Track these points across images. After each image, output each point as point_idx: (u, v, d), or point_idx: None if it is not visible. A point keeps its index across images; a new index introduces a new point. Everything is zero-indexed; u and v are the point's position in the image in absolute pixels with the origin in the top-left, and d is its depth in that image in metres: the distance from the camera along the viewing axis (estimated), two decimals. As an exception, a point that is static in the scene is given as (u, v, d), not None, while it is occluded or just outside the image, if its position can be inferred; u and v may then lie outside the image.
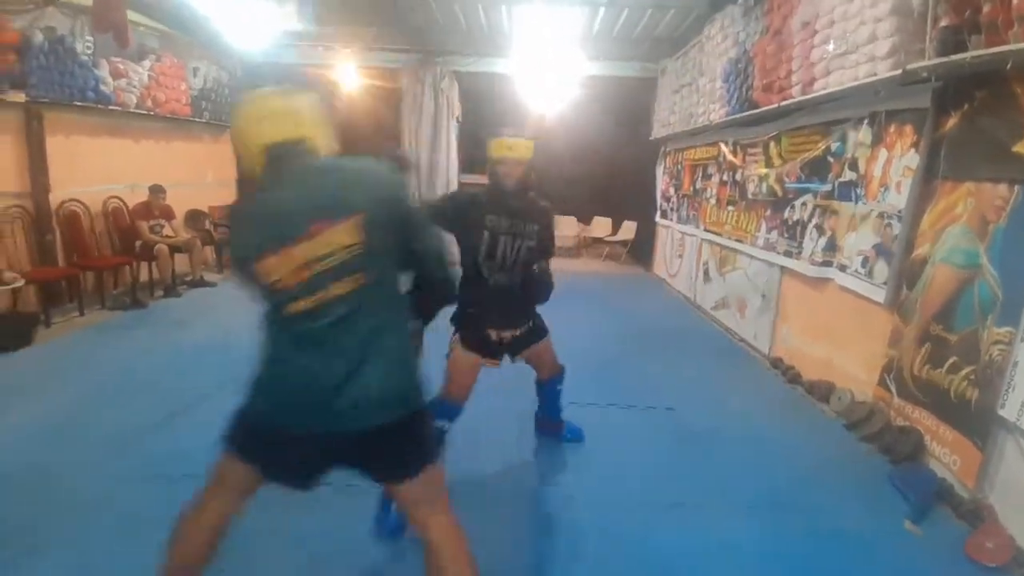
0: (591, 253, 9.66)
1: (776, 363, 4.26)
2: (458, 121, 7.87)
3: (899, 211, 3.04)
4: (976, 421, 2.47)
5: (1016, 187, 2.32)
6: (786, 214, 4.23)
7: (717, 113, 5.16)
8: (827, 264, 3.69)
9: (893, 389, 3.06)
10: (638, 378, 3.92)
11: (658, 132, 7.38)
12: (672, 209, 7.20)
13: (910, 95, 2.95)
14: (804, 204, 4.01)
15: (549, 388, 2.80)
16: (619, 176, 9.59)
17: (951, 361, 2.65)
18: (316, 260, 1.20)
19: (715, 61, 5.23)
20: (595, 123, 9.13)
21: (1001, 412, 2.34)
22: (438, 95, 7.64)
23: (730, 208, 5.28)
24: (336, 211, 1.22)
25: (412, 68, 7.57)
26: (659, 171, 7.83)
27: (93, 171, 5.49)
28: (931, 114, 2.83)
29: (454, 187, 8.01)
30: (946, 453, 2.66)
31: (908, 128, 3.02)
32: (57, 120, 4.95)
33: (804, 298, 4.01)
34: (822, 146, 3.77)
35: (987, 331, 2.44)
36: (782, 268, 4.28)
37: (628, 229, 9.09)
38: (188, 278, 6.07)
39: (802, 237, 3.99)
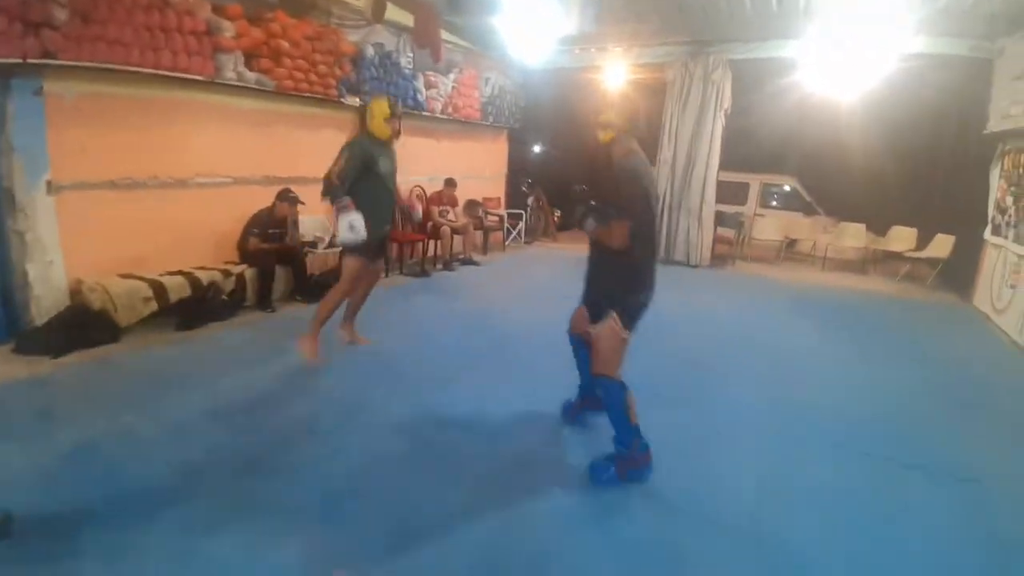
0: (883, 271, 8.14)
1: None
2: (726, 114, 7.48)
3: None
4: None
5: None
6: None
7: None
8: None
9: None
10: (935, 446, 3.15)
11: (996, 125, 5.81)
12: (1008, 224, 5.61)
13: None
14: None
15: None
16: (934, 178, 7.84)
17: None
18: None
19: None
20: (905, 112, 7.64)
21: None
22: (707, 87, 7.40)
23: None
24: None
25: (681, 60, 7.50)
26: (994, 174, 6.16)
27: (408, 163, 6.96)
28: None
29: (711, 184, 7.70)
30: None
31: None
32: (384, 123, 6.48)
33: None
34: None
35: None
36: None
37: (941, 245, 7.36)
38: (460, 256, 7.29)
39: None
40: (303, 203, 5.05)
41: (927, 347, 4.96)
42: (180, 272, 4.47)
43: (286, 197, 4.93)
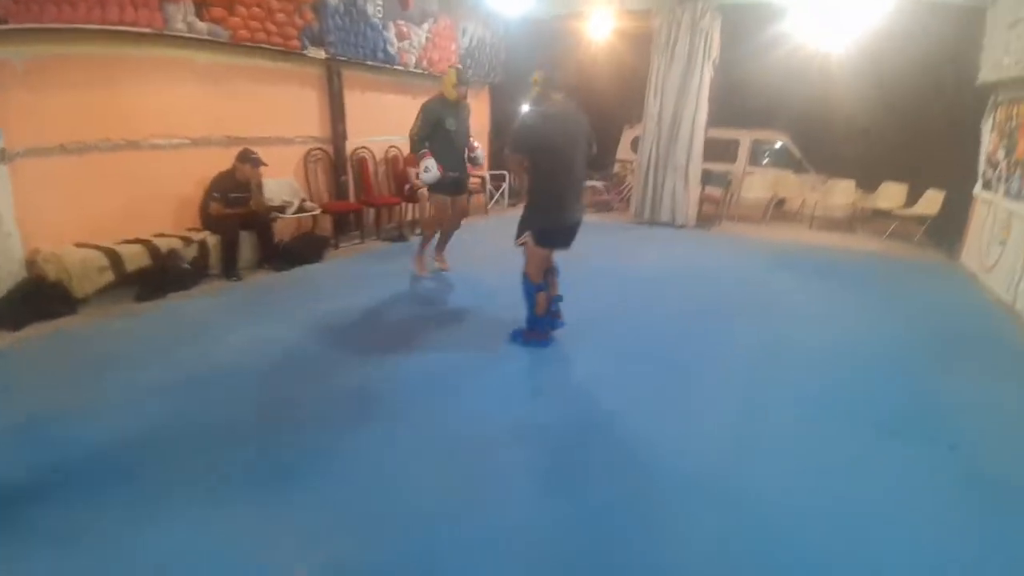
0: (870, 229, 8.04)
1: None
2: (714, 65, 7.20)
3: None
4: None
5: None
6: None
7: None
8: None
9: None
10: (913, 398, 3.17)
11: (987, 76, 5.63)
12: (1000, 179, 5.51)
13: None
14: None
15: None
16: (925, 132, 7.64)
17: None
18: None
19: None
20: (896, 63, 7.39)
21: None
22: (695, 35, 7.09)
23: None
24: None
25: (669, 6, 7.16)
26: (985, 127, 6.01)
27: (378, 123, 6.73)
28: None
29: (699, 140, 7.48)
30: None
31: None
32: (353, 77, 6.19)
33: None
34: None
35: None
36: None
37: (931, 201, 7.25)
38: (440, 219, 7.10)
39: None
40: (265, 164, 4.82)
41: (911, 303, 4.93)
42: (138, 240, 4.30)
43: (247, 158, 4.70)
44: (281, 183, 5.50)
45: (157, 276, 4.24)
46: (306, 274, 5.03)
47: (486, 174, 8.51)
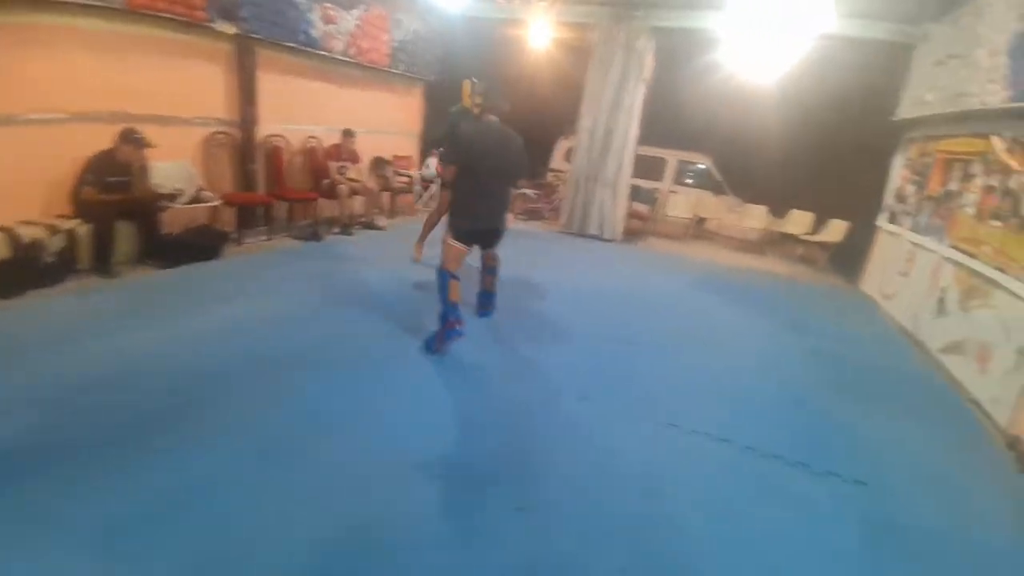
0: (779, 252, 8.37)
1: (1014, 443, 3.15)
2: (647, 85, 7.18)
3: None
4: None
5: None
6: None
7: (996, 96, 3.86)
8: None
9: None
10: (819, 424, 3.17)
11: (907, 112, 5.89)
12: (907, 213, 5.78)
13: None
14: None
15: None
16: (836, 163, 8.04)
17: None
18: None
19: (996, 34, 3.89)
20: (816, 96, 7.71)
21: None
22: (629, 54, 7.03)
23: (995, 224, 3.99)
24: None
25: (605, 23, 7.05)
26: (897, 162, 6.33)
27: (298, 110, 6.12)
28: None
29: (629, 156, 7.43)
30: None
31: None
32: (269, 58, 5.55)
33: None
34: None
35: None
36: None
37: (835, 230, 7.64)
38: (362, 219, 6.56)
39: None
40: (152, 146, 4.14)
41: (816, 326, 5.02)
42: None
43: (130, 138, 4.01)
44: (175, 167, 4.79)
45: (16, 270, 3.51)
46: (197, 273, 4.37)
47: (416, 173, 8.04)
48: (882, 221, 6.39)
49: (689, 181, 10.23)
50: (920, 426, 3.33)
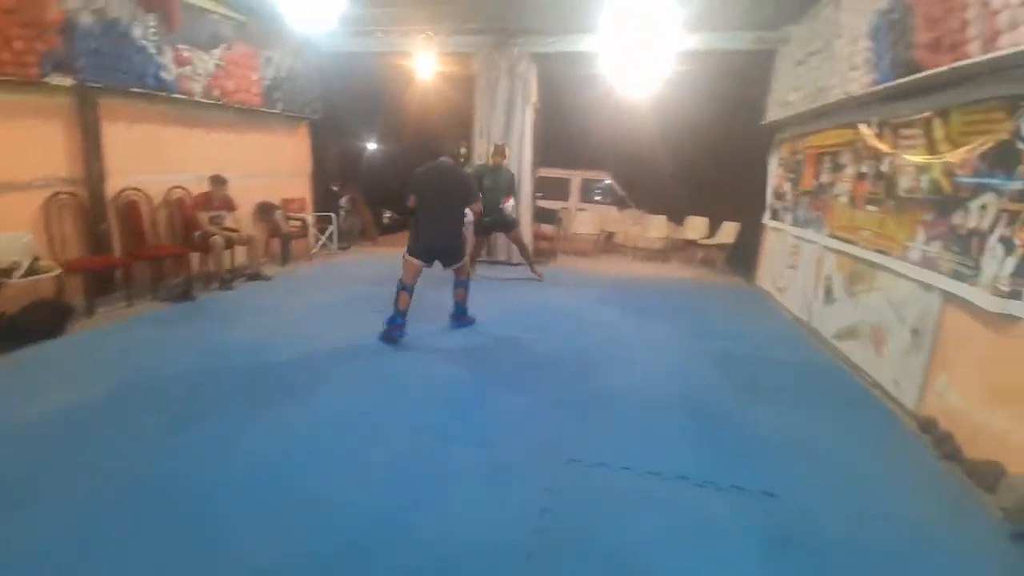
0: (682, 258, 8.48)
1: (927, 426, 3.06)
2: (535, 109, 7.07)
3: None
4: None
5: None
6: (956, 220, 3.00)
7: (859, 83, 3.93)
8: (1016, 296, 2.49)
9: None
10: (726, 434, 2.96)
11: (774, 114, 6.08)
12: (786, 209, 5.90)
13: None
14: (984, 207, 2.79)
15: None
16: (720, 170, 8.30)
17: None
18: None
19: (857, 18, 3.99)
20: (697, 107, 7.93)
21: None
22: (514, 80, 6.90)
23: (871, 208, 4.03)
24: None
25: (487, 51, 6.90)
26: (772, 162, 6.51)
27: (157, 160, 5.43)
28: None
29: (526, 180, 7.26)
30: None
31: None
32: (115, 107, 4.87)
33: (978, 340, 2.79)
34: (1008, 127, 2.55)
35: None
36: (945, 294, 3.05)
37: (728, 231, 7.80)
38: (246, 271, 5.90)
39: (980, 254, 2.77)
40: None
41: (718, 325, 4.95)
42: None
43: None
44: (7, 239, 4.03)
45: None
46: (38, 355, 3.62)
47: (308, 216, 7.45)
48: (767, 219, 6.52)
49: (598, 198, 10.34)
50: (827, 419, 3.19)
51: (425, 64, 7.10)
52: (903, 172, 3.60)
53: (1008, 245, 2.57)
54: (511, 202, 6.23)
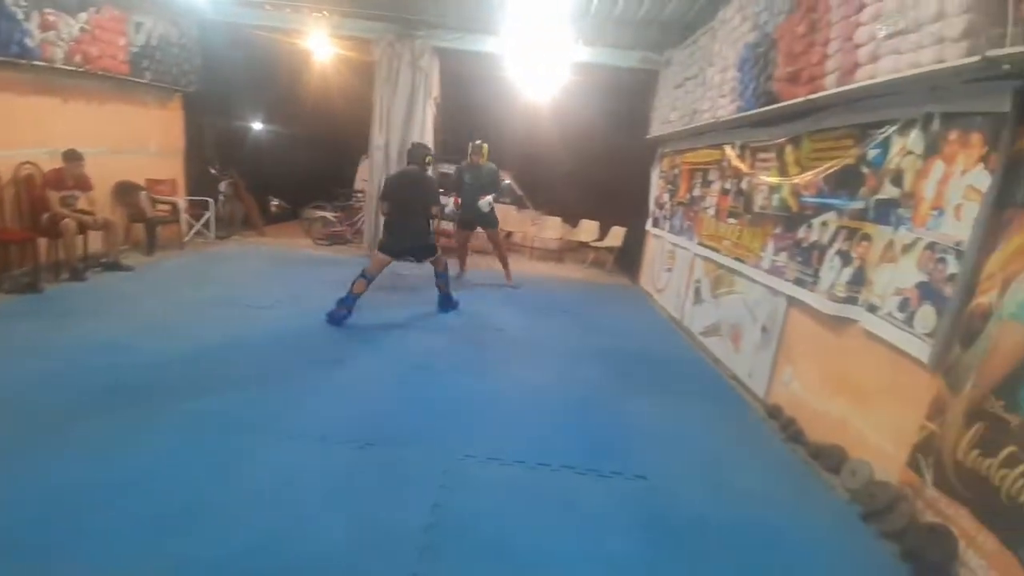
0: (575, 258, 8.86)
1: (774, 412, 3.50)
2: (436, 103, 6.99)
3: (957, 243, 2.27)
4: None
5: None
6: (800, 234, 3.45)
7: (726, 109, 4.36)
8: (851, 301, 2.92)
9: (927, 475, 2.31)
10: (608, 424, 3.16)
11: (656, 130, 6.56)
12: (665, 217, 6.41)
13: (980, 95, 2.19)
14: (825, 224, 3.24)
15: None
16: (611, 176, 8.76)
17: (1008, 451, 1.91)
18: None
19: (728, 49, 4.43)
20: (590, 115, 8.32)
21: None
22: (416, 72, 6.77)
23: (731, 221, 4.50)
24: None
25: (388, 40, 6.70)
26: (654, 174, 7.02)
27: (7, 132, 4.62)
28: (1010, 121, 2.06)
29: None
30: (983, 567, 1.95)
31: (975, 137, 2.25)
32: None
33: (816, 339, 3.24)
34: (855, 153, 2.99)
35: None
36: (790, 298, 3.50)
37: (616, 235, 8.28)
38: (103, 259, 5.20)
39: (819, 264, 3.21)
40: None
41: (604, 323, 5.26)
42: None
43: None
44: None
45: None
46: None
47: (180, 200, 6.73)
48: (649, 226, 7.03)
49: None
50: (692, 408, 3.52)
51: (320, 45, 6.72)
52: (758, 190, 4.06)
53: (845, 257, 3.01)
54: (486, 199, 6.08)
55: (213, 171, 7.56)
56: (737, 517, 2.40)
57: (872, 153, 2.86)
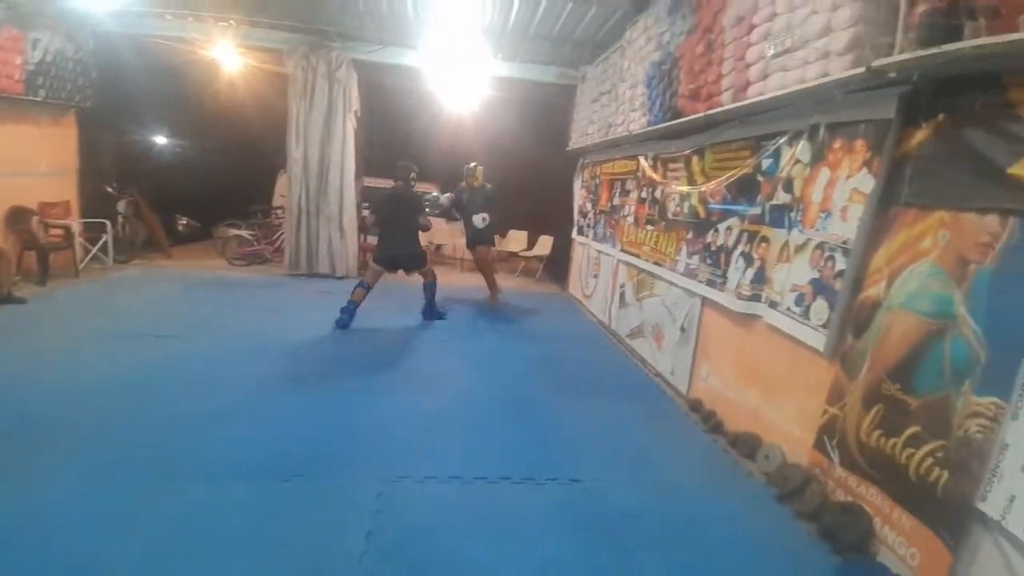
0: (506, 268, 8.92)
1: (696, 406, 3.67)
2: (357, 116, 6.82)
3: (844, 242, 2.49)
4: (945, 512, 1.91)
5: (1011, 220, 1.77)
6: (709, 238, 3.66)
7: (638, 123, 4.57)
8: (755, 299, 3.12)
9: (834, 456, 2.49)
10: (542, 431, 3.17)
11: (576, 143, 6.76)
12: (589, 226, 6.60)
13: (866, 103, 2.41)
14: (729, 228, 3.45)
15: None
16: (537, 187, 8.94)
17: (911, 431, 2.09)
18: None
19: (636, 66, 4.65)
20: (514, 128, 8.45)
21: (981, 506, 1.78)
22: (333, 85, 6.57)
23: (649, 228, 4.70)
24: None
25: (302, 51, 6.46)
26: (577, 184, 7.22)
27: None
28: (895, 126, 2.27)
29: (349, 189, 6.94)
30: (901, 543, 2.09)
31: (859, 144, 2.48)
32: None
33: (728, 335, 3.44)
34: (751, 163, 3.21)
35: (962, 399, 1.89)
36: (703, 299, 3.70)
37: (544, 244, 8.45)
38: (-7, 292, 4.61)
39: (727, 265, 3.42)
40: None
41: (536, 330, 5.32)
42: None
43: None
44: None
45: None
46: None
47: (74, 223, 6.10)
48: (575, 234, 7.21)
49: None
50: (623, 409, 3.62)
51: (227, 56, 6.36)
52: (670, 199, 4.28)
53: (748, 259, 3.22)
54: (479, 215, 6.14)
55: (110, 190, 6.92)
56: (665, 509, 2.48)
57: (766, 163, 3.09)
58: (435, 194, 6.42)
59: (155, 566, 1.85)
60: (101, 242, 6.36)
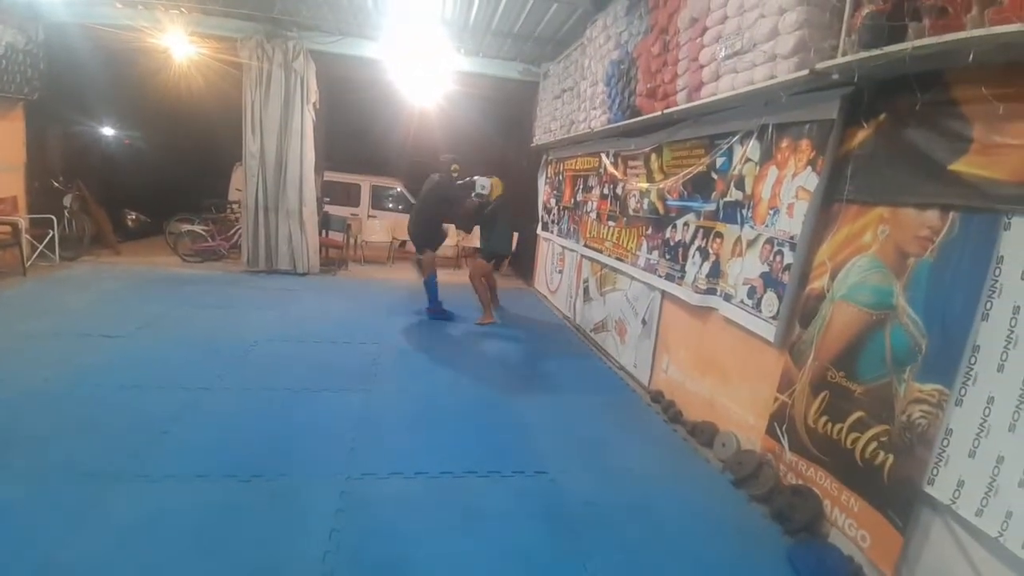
0: (472, 264, 8.87)
1: (657, 397, 3.76)
2: (315, 108, 6.64)
3: (791, 237, 2.59)
4: (893, 495, 2.02)
5: (951, 215, 1.87)
6: (667, 234, 3.74)
7: (598, 120, 4.62)
8: (711, 292, 3.22)
9: (784, 441, 2.60)
10: (508, 425, 3.20)
11: (540, 139, 6.78)
12: (553, 221, 6.64)
13: (810, 104, 2.51)
14: (687, 224, 3.54)
15: None
16: (503, 183, 8.91)
17: (856, 416, 2.20)
18: None
19: (597, 64, 4.69)
20: (479, 124, 8.42)
21: (929, 490, 1.88)
22: (290, 75, 6.38)
23: (611, 224, 4.77)
24: None
25: (257, 40, 6.24)
26: (541, 180, 7.25)
27: None
28: (837, 126, 2.37)
29: (309, 183, 6.76)
30: (852, 525, 2.21)
31: (804, 143, 2.58)
32: None
33: (686, 327, 3.53)
34: (706, 161, 3.30)
35: (904, 386, 2.00)
36: (663, 292, 3.79)
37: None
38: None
39: (684, 260, 3.51)
40: None
41: (503, 327, 5.32)
42: None
43: None
44: None
45: None
46: None
47: (21, 219, 5.76)
48: (539, 230, 7.25)
49: (390, 205, 10.10)
50: (584, 399, 3.68)
51: (179, 45, 6.09)
52: (631, 195, 4.35)
53: (704, 253, 3.31)
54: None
55: (57, 184, 6.55)
56: (628, 497, 2.54)
57: (719, 161, 3.18)
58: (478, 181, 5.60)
59: (110, 569, 1.78)
60: (47, 239, 6.02)
